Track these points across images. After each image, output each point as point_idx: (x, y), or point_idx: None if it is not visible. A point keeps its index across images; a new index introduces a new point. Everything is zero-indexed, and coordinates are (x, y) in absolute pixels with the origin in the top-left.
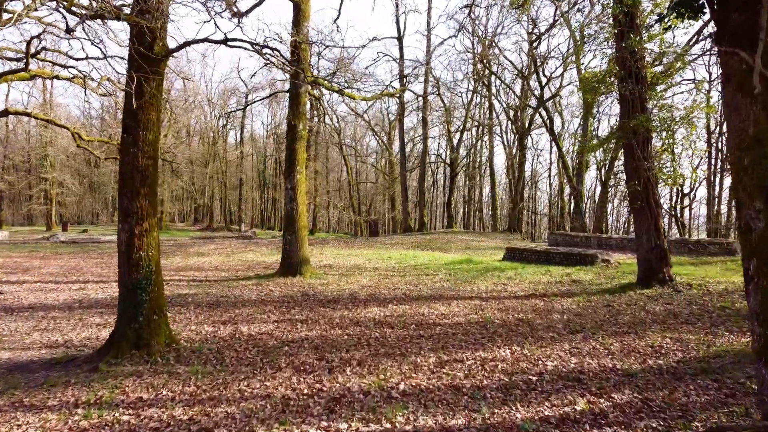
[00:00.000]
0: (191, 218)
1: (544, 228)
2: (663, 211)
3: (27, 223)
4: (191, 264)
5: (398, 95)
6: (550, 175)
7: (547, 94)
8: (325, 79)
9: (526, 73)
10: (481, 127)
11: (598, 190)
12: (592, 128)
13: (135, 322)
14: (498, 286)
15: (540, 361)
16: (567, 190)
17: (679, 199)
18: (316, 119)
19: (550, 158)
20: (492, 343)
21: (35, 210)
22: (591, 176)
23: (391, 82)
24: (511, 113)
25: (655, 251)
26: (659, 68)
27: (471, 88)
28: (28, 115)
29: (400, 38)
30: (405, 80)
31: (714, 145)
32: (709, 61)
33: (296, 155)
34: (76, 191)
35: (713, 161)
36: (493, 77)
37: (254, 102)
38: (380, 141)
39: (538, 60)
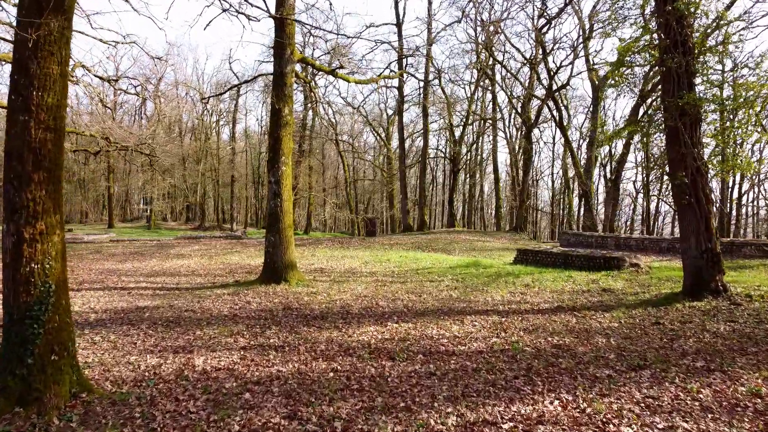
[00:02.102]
0: (183, 217)
1: (544, 227)
2: (714, 207)
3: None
4: (166, 268)
5: (398, 79)
6: (553, 172)
7: (551, 87)
8: (315, 60)
9: (534, 61)
10: (483, 122)
11: (601, 187)
12: (602, 121)
13: (22, 366)
14: (515, 296)
15: (610, 425)
16: (574, 187)
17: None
18: (310, 113)
19: (553, 154)
20: (530, 386)
21: None
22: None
23: (389, 64)
24: (518, 105)
25: (705, 256)
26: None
27: (473, 79)
28: None
29: (398, 24)
30: (404, 62)
31: None
32: None
33: (281, 144)
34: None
35: None
36: (497, 67)
37: (236, 86)
38: (378, 137)
39: (547, 46)
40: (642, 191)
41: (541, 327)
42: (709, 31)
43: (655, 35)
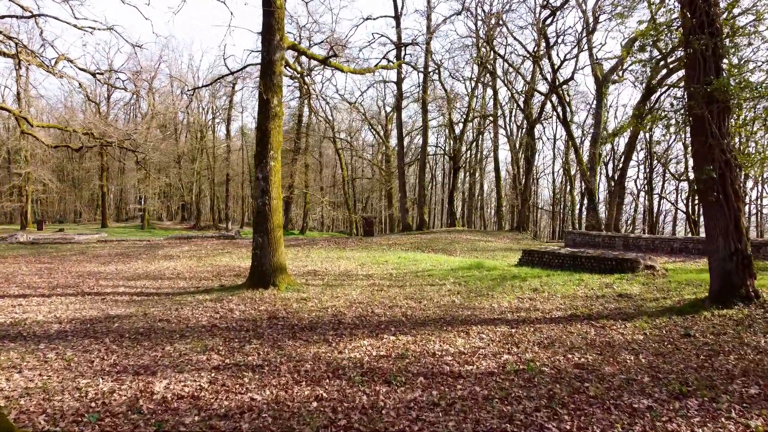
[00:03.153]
0: (179, 216)
1: (544, 226)
2: (744, 205)
3: (6, 221)
4: (151, 270)
5: (396, 72)
6: (554, 170)
7: (555, 82)
8: (307, 49)
9: (537, 54)
10: (483, 119)
11: (602, 186)
12: (605, 118)
13: None
14: (524, 302)
15: None
16: (577, 185)
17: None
18: (306, 109)
19: (554, 151)
20: (556, 422)
21: (8, 208)
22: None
23: (386, 53)
24: (520, 100)
25: (735, 258)
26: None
27: (474, 75)
28: None
29: (397, 17)
30: (403, 54)
31: None
32: None
33: (269, 137)
34: (55, 188)
35: None
36: (498, 62)
37: (223, 77)
38: (376, 134)
39: (551, 39)
40: (644, 189)
41: (557, 340)
42: (737, 10)
43: (676, 15)
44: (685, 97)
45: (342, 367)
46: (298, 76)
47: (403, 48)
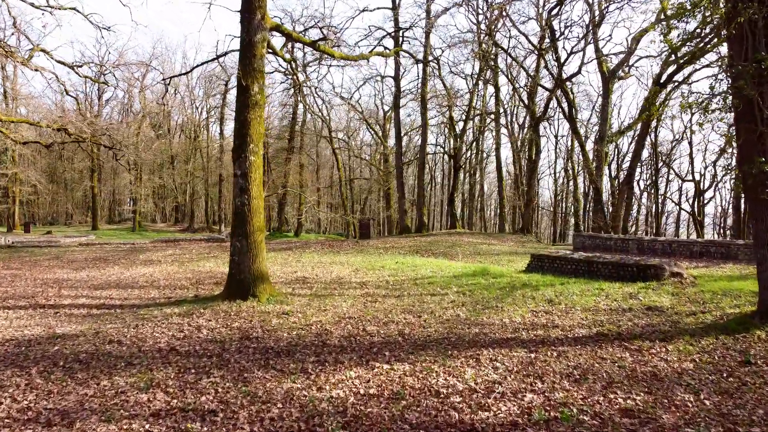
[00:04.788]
0: (173, 218)
1: (545, 227)
2: None
3: None
4: (124, 277)
5: (393, 66)
6: (555, 171)
7: (560, 76)
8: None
9: (542, 47)
10: (484, 117)
11: (605, 185)
12: (611, 115)
13: None
14: (540, 317)
15: None
16: (581, 185)
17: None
18: (301, 107)
19: (556, 151)
20: None
21: None
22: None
23: (381, 39)
24: (524, 96)
25: None
26: None
27: (475, 71)
28: None
29: (394, 8)
30: (400, 39)
31: None
32: None
33: (249, 128)
34: (44, 189)
35: None
36: (500, 56)
37: (203, 63)
38: (374, 134)
39: (557, 31)
40: (647, 190)
41: (589, 370)
42: None
43: None
44: (728, 78)
45: (319, 412)
46: (287, 65)
47: (401, 37)
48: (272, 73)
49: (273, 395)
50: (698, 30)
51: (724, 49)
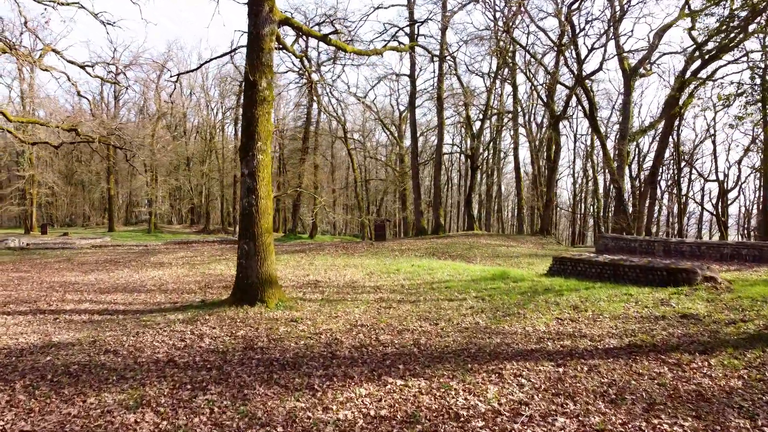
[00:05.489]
0: (188, 219)
1: (563, 229)
2: None
3: (16, 224)
4: (133, 280)
5: (409, 64)
6: (574, 170)
7: (581, 73)
8: (305, 26)
9: (561, 43)
10: (501, 116)
11: (626, 185)
12: (632, 113)
13: None
14: (565, 325)
15: None
16: (602, 185)
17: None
18: (315, 107)
19: (575, 150)
20: None
21: (11, 212)
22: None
23: (396, 32)
24: (543, 94)
25: None
26: None
27: (492, 69)
28: None
29: (409, 3)
30: (416, 33)
31: None
32: None
33: (256, 125)
34: (61, 191)
35: None
36: (518, 53)
37: (211, 60)
38: (389, 134)
39: (577, 27)
40: (669, 190)
41: (625, 388)
42: None
43: None
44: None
45: None
46: (300, 64)
47: (416, 32)
48: (286, 72)
49: (273, 417)
50: (725, 24)
51: (750, 44)
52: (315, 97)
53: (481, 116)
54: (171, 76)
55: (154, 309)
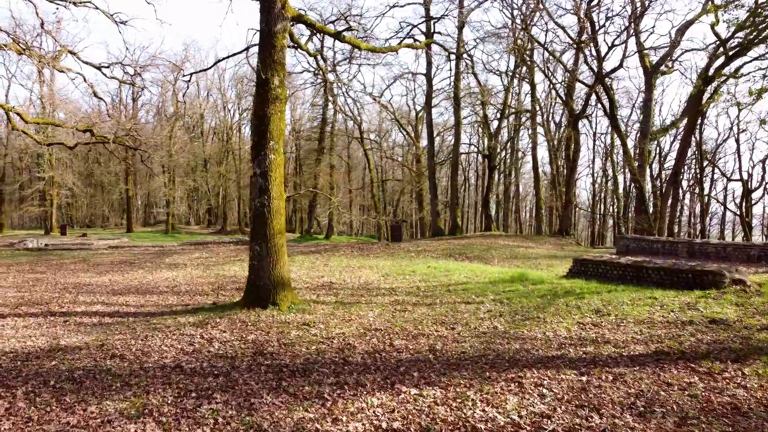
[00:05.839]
0: (206, 220)
1: (581, 229)
2: None
3: (37, 225)
4: (146, 282)
5: (425, 63)
6: (593, 170)
7: (601, 71)
8: (317, 23)
9: (580, 41)
10: (519, 115)
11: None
12: (653, 112)
13: None
14: (587, 330)
15: None
16: (622, 184)
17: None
18: (331, 107)
19: (594, 149)
20: None
21: (32, 213)
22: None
23: (411, 29)
24: (561, 91)
25: None
26: None
27: (510, 68)
28: None
29: (426, 3)
30: (431, 29)
31: None
32: None
33: (268, 124)
34: (80, 192)
35: None
36: (536, 51)
37: (224, 59)
38: (406, 135)
39: (597, 23)
40: (690, 190)
41: (654, 400)
42: None
43: None
44: None
45: None
46: (315, 63)
47: (432, 29)
48: (302, 72)
49: (280, 428)
50: (755, 15)
51: None
52: (330, 97)
53: (498, 115)
54: (184, 76)
55: (165, 311)
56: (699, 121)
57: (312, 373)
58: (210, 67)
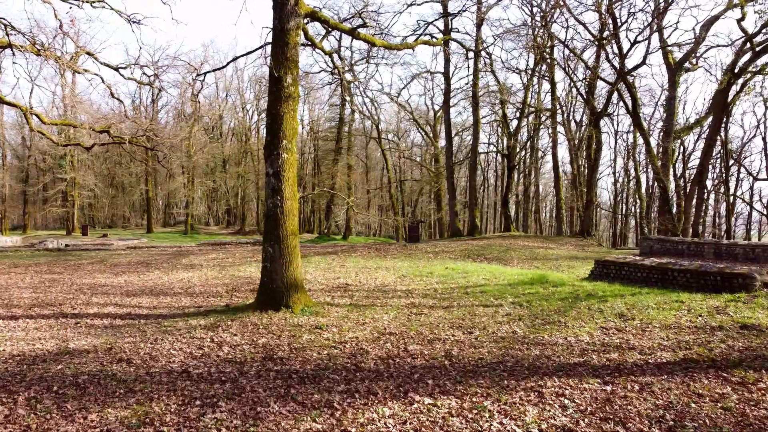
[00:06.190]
0: (225, 221)
1: (603, 230)
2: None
3: (60, 226)
4: (161, 283)
5: (443, 61)
6: (614, 169)
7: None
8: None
9: (602, 37)
10: (538, 114)
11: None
12: (677, 110)
13: None
14: (611, 335)
15: None
16: (644, 184)
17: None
18: (348, 107)
19: (615, 149)
20: None
21: (54, 213)
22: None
23: (427, 26)
24: (582, 89)
25: None
26: None
27: (529, 66)
28: None
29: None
30: (449, 21)
31: None
32: None
33: (281, 123)
34: (101, 193)
35: None
36: (557, 48)
37: (238, 57)
38: (424, 134)
39: (619, 19)
40: (715, 189)
41: (684, 413)
42: None
43: None
44: None
45: None
46: (330, 61)
47: (450, 25)
48: (319, 72)
49: None
50: None
51: None
52: (347, 97)
53: (517, 114)
54: (198, 75)
55: (177, 314)
56: (724, 119)
57: (322, 379)
58: (224, 66)
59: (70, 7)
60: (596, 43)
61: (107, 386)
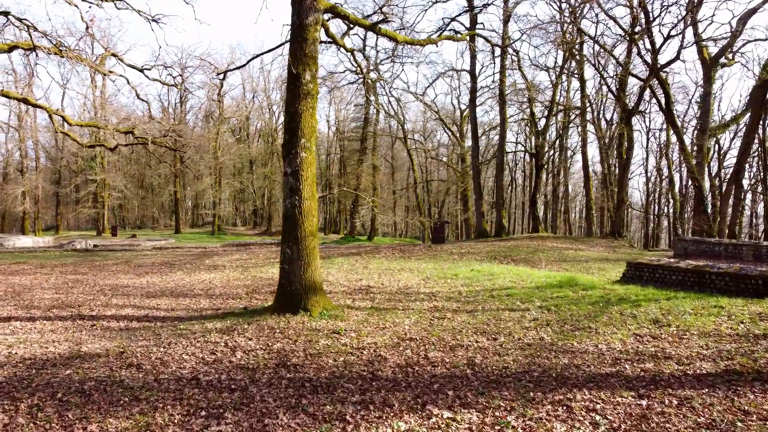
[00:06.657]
0: (251, 221)
1: (634, 230)
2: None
3: (91, 227)
4: (183, 284)
5: (469, 58)
6: (647, 169)
7: (655, 64)
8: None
9: (633, 32)
10: (567, 112)
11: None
12: (713, 106)
13: None
14: (645, 343)
15: None
16: (678, 184)
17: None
18: (372, 108)
19: (647, 147)
20: None
21: (84, 214)
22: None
23: (452, 20)
24: (613, 86)
25: None
26: None
27: (558, 63)
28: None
29: None
30: (474, 16)
31: None
32: None
33: (300, 121)
34: (131, 194)
35: None
36: (586, 44)
37: (258, 56)
38: (450, 134)
39: (651, 13)
40: (753, 188)
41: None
42: None
43: None
44: None
45: None
46: (352, 59)
47: (475, 20)
48: (344, 72)
49: None
50: None
51: None
52: (373, 96)
53: (546, 113)
54: (218, 73)
55: (194, 316)
56: (763, 116)
57: (336, 389)
58: (244, 65)
59: (90, 7)
60: (627, 38)
61: (113, 394)
